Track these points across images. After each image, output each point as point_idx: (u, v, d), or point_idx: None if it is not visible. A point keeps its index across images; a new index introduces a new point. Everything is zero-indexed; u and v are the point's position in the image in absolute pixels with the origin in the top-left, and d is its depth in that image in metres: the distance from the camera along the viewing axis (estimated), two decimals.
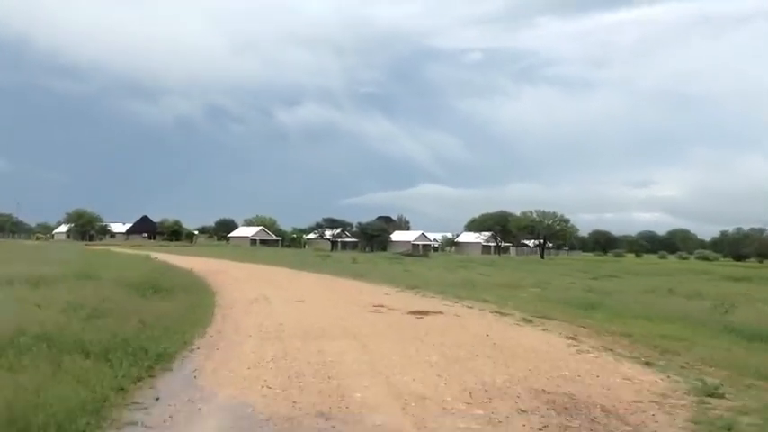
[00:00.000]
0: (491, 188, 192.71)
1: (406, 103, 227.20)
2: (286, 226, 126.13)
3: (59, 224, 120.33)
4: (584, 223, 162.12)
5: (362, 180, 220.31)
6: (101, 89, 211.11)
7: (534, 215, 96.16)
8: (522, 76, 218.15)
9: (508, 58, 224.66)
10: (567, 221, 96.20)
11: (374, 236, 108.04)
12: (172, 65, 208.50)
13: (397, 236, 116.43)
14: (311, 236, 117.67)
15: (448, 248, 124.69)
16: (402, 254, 78.09)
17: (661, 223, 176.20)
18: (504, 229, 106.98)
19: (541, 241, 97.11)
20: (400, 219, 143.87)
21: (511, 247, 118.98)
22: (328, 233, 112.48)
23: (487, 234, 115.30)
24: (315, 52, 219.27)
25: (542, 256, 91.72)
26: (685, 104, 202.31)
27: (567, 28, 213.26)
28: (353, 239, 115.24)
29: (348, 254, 73.66)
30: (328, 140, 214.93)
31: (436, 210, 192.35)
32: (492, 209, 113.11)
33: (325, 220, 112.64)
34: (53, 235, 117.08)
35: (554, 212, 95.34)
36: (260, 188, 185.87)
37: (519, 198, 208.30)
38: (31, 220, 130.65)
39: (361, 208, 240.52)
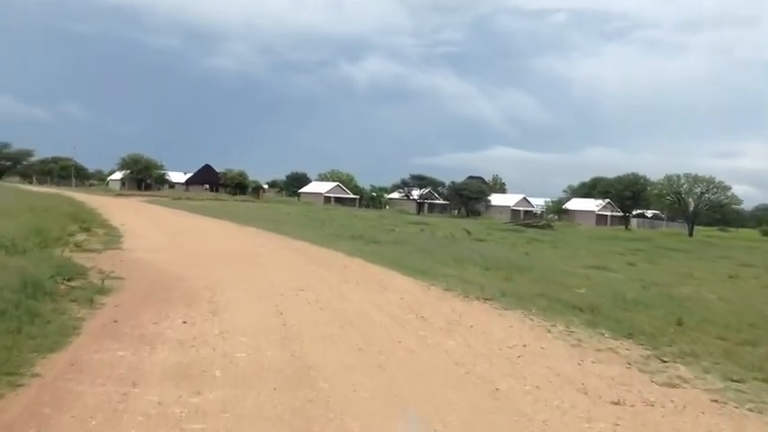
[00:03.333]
0: (566, 152, 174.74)
1: (482, 63, 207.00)
2: (364, 183, 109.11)
3: (114, 171, 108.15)
4: None
5: (436, 140, 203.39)
6: (169, 40, 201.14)
7: (682, 180, 73.67)
8: (606, 37, 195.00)
9: (594, 19, 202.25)
10: (726, 189, 72.96)
11: (472, 198, 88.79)
12: (240, 15, 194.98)
13: (495, 199, 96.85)
14: (394, 195, 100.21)
15: (552, 216, 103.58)
16: (519, 224, 59.20)
17: (747, 197, 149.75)
18: (636, 197, 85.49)
19: (690, 215, 74.11)
20: (495, 179, 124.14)
21: (631, 219, 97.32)
22: (415, 193, 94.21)
23: (602, 202, 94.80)
24: (391, 7, 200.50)
25: (691, 234, 70.01)
26: None
27: None
28: (443, 201, 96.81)
29: (443, 219, 55.52)
30: (401, 98, 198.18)
31: (510, 173, 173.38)
32: (567, 173, 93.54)
33: (412, 177, 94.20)
34: (107, 182, 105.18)
35: (711, 177, 72.59)
36: (331, 143, 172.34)
37: (596, 164, 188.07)
38: (106, 168, 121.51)
39: (437, 168, 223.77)
